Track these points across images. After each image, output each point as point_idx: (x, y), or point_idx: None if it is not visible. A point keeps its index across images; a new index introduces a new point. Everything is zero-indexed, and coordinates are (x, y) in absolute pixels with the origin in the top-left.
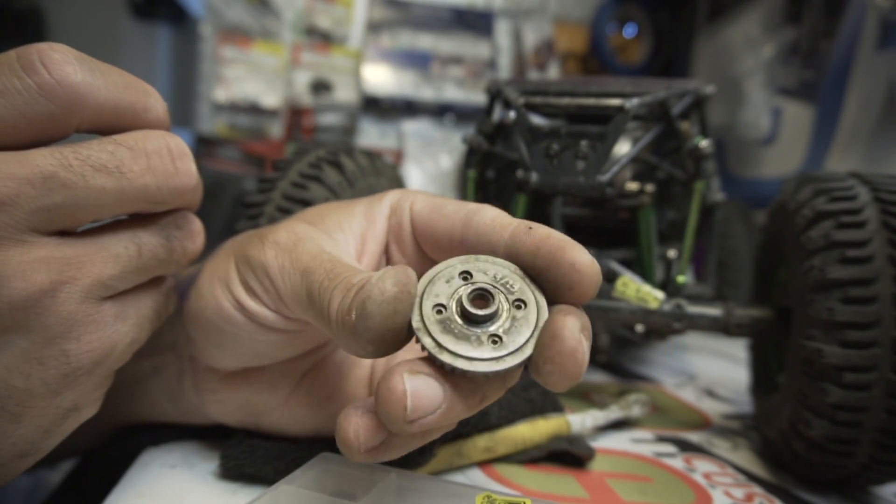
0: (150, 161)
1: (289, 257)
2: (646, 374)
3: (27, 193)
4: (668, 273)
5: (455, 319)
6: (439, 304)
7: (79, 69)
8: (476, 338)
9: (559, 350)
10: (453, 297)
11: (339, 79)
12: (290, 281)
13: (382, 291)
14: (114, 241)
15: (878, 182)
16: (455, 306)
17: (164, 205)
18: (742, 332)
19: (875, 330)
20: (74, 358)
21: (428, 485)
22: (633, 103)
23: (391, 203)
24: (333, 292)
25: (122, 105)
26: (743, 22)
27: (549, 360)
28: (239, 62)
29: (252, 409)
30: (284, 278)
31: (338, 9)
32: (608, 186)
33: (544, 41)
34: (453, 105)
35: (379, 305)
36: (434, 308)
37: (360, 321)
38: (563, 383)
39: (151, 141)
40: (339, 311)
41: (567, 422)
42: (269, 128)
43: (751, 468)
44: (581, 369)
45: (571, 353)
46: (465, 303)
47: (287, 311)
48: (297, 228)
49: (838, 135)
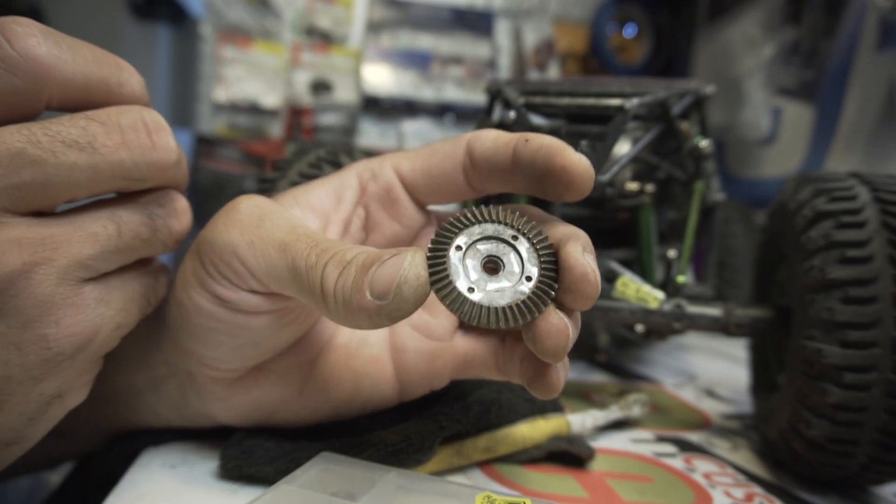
0: (125, 136)
1: (257, 233)
2: (646, 374)
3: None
4: (668, 273)
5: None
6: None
7: (43, 41)
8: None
9: (573, 279)
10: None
11: (339, 79)
12: (265, 257)
13: (418, 276)
14: (91, 220)
15: (878, 182)
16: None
17: (144, 182)
18: (742, 332)
19: (875, 330)
20: (54, 343)
21: (428, 485)
22: (633, 103)
23: (359, 174)
24: (326, 268)
25: (93, 80)
26: (743, 22)
27: (566, 290)
28: (239, 62)
29: (266, 407)
30: (256, 256)
31: (338, 9)
32: (608, 186)
33: (544, 41)
34: (453, 105)
35: (415, 290)
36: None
37: (393, 301)
38: (587, 304)
39: (126, 115)
40: (340, 287)
41: (567, 422)
42: (269, 128)
43: (751, 468)
44: (597, 288)
45: (583, 277)
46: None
47: (264, 288)
48: (257, 203)
49: (838, 135)
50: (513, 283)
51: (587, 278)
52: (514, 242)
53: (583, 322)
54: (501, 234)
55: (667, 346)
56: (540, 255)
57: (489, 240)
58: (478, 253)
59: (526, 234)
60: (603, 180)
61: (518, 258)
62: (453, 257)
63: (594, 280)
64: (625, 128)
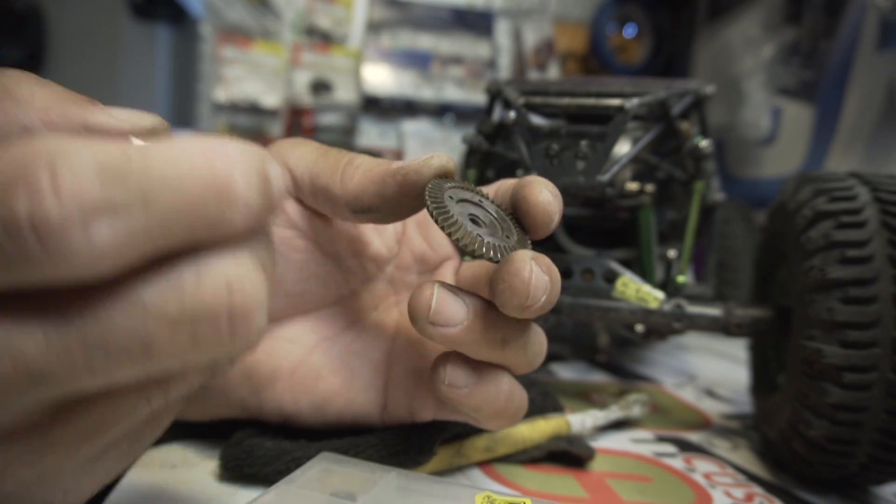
0: (197, 331)
1: (300, 143)
2: (646, 374)
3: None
4: (668, 273)
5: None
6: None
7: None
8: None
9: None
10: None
11: (339, 79)
12: (304, 154)
13: (440, 158)
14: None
15: (878, 182)
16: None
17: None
18: (742, 332)
19: (875, 330)
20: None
21: (428, 485)
22: (633, 103)
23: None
24: (356, 159)
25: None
26: (743, 22)
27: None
28: (239, 62)
29: (256, 378)
30: (299, 155)
31: (338, 9)
32: (608, 186)
33: (544, 41)
34: (453, 105)
35: (436, 166)
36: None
37: (420, 167)
38: (547, 226)
39: (202, 292)
40: (371, 165)
41: (567, 422)
42: (269, 128)
43: (751, 468)
44: (552, 216)
45: (542, 206)
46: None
47: (301, 194)
48: (297, 139)
49: (838, 135)
50: (493, 232)
51: (545, 207)
52: (482, 204)
53: (583, 322)
54: (472, 199)
55: (667, 346)
56: (507, 214)
57: (465, 202)
58: (463, 206)
59: (489, 199)
60: (603, 180)
61: (489, 215)
62: (449, 201)
63: (550, 208)
64: (625, 128)
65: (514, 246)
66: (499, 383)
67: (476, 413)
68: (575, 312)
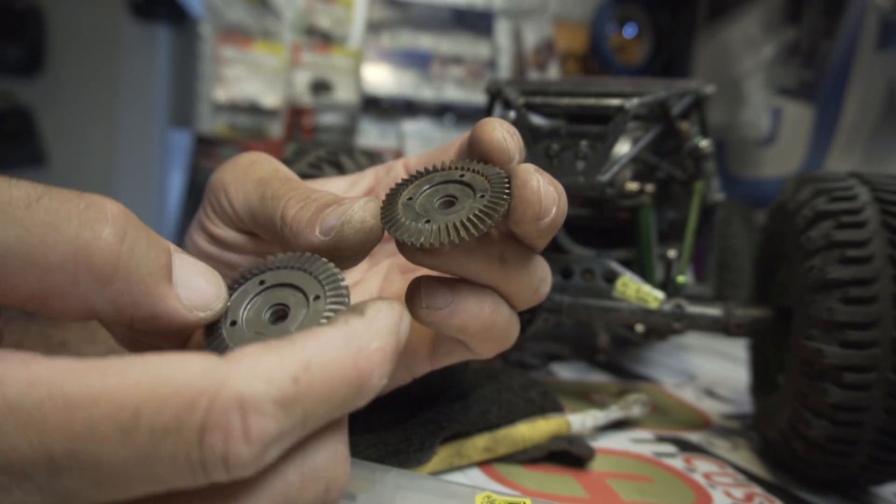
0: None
1: (244, 171)
2: (646, 374)
3: None
4: (668, 273)
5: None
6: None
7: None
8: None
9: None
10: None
11: (339, 79)
12: (243, 189)
13: (362, 220)
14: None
15: (878, 182)
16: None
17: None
18: (742, 332)
19: (875, 330)
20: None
21: (428, 484)
22: (633, 103)
23: (376, 169)
24: (289, 200)
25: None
26: (743, 22)
27: (517, 208)
28: (239, 62)
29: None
30: (238, 188)
31: (338, 9)
32: (608, 186)
33: (544, 41)
34: (453, 105)
35: (356, 232)
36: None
37: (334, 238)
38: (537, 216)
39: (305, 495)
40: (296, 219)
41: (567, 422)
42: (269, 128)
43: (751, 468)
44: (544, 201)
45: (529, 186)
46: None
47: (243, 224)
48: (255, 154)
49: (838, 135)
50: (466, 205)
51: (532, 187)
52: (463, 179)
53: (583, 322)
54: (451, 176)
55: (667, 346)
56: (489, 178)
57: (443, 184)
58: (433, 195)
59: (473, 169)
60: (603, 180)
61: (470, 189)
62: (401, 204)
63: (539, 189)
64: (625, 128)
65: (481, 207)
66: (481, 298)
67: (463, 334)
68: (575, 312)
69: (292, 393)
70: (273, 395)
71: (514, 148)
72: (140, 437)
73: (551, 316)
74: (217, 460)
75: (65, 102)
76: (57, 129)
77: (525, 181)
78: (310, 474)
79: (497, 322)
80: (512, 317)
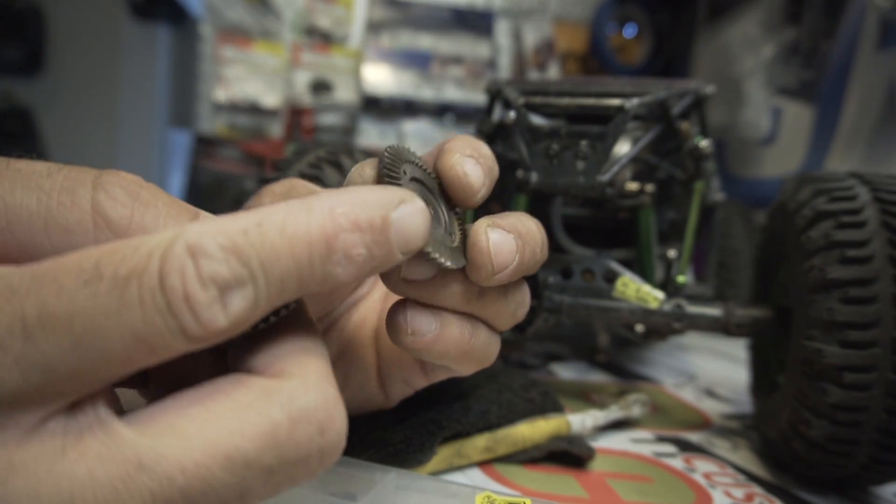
0: (292, 473)
1: (283, 195)
2: (646, 374)
3: None
4: (668, 273)
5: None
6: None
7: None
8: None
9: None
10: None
11: (339, 79)
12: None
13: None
14: None
15: (878, 182)
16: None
17: None
18: (742, 332)
19: (875, 330)
20: None
21: (428, 485)
22: (633, 103)
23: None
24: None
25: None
26: (743, 22)
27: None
28: (239, 62)
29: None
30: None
31: (338, 9)
32: (608, 186)
33: (544, 41)
34: (453, 105)
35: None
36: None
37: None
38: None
39: (296, 438)
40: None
41: (567, 422)
42: (269, 128)
43: (751, 468)
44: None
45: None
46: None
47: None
48: (289, 182)
49: (838, 135)
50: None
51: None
52: (436, 215)
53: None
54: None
55: (667, 346)
56: (459, 218)
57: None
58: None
59: (447, 205)
60: (603, 180)
61: (441, 228)
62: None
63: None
64: (625, 128)
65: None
66: (461, 324)
67: (444, 359)
68: (575, 312)
69: (242, 242)
70: (221, 241)
71: (477, 183)
72: (104, 287)
73: (551, 316)
74: (180, 301)
75: (65, 102)
76: (57, 129)
77: (474, 242)
78: (297, 415)
79: (475, 346)
80: (490, 338)
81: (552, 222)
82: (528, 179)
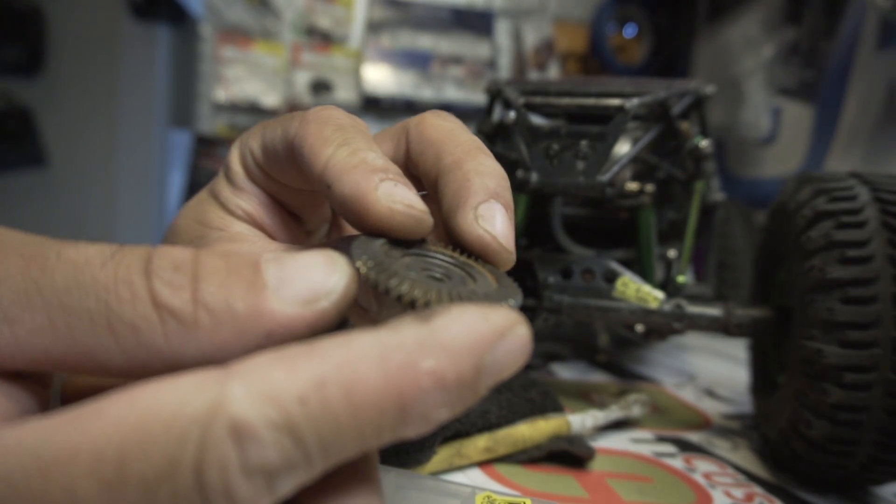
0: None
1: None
2: (646, 374)
3: None
4: (668, 273)
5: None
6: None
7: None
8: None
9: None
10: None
11: (339, 79)
12: (271, 131)
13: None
14: None
15: (878, 182)
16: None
17: None
18: (742, 332)
19: (875, 330)
20: None
21: (428, 485)
22: (633, 103)
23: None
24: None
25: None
26: (743, 22)
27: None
28: (239, 62)
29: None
30: (266, 131)
31: (338, 9)
32: (608, 186)
33: (544, 41)
34: (453, 105)
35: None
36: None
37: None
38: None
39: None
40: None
41: (567, 422)
42: None
43: (751, 468)
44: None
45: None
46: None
47: (265, 165)
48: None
49: (838, 135)
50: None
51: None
52: (466, 269)
53: (583, 322)
54: (448, 258)
55: (667, 346)
56: (496, 277)
57: (438, 259)
58: (417, 262)
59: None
60: (603, 180)
61: (472, 279)
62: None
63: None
64: (625, 128)
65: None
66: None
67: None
68: (575, 312)
69: (298, 416)
70: (272, 419)
71: (500, 246)
72: (130, 492)
73: (551, 316)
74: (219, 498)
75: (65, 102)
76: (57, 129)
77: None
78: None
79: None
80: None
81: (552, 222)
82: (529, 179)
